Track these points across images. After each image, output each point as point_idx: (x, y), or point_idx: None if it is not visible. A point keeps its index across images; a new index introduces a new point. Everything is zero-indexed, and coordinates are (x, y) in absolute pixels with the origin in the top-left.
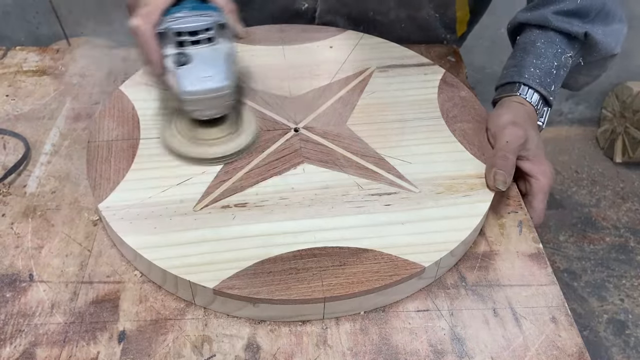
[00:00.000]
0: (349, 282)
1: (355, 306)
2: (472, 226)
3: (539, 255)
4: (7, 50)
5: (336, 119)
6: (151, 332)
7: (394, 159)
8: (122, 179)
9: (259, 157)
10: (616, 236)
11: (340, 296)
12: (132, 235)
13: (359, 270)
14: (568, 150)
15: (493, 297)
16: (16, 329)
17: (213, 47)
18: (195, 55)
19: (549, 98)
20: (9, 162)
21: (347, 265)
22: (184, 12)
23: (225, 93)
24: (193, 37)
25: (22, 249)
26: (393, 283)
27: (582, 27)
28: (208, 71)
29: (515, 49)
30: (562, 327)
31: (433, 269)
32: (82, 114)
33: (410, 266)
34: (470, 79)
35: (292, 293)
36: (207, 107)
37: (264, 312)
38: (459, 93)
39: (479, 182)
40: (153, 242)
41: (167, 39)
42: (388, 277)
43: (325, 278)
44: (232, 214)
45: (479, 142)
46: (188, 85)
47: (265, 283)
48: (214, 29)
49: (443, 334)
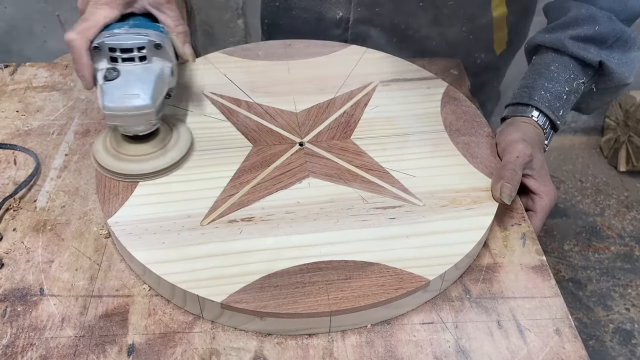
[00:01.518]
0: (354, 295)
1: (361, 319)
2: (476, 239)
3: (543, 268)
4: (17, 67)
5: (341, 133)
6: (160, 346)
7: (398, 173)
8: (130, 195)
9: (265, 171)
10: (621, 245)
11: (346, 310)
12: (141, 250)
13: (364, 283)
14: (572, 159)
15: (497, 309)
16: (27, 343)
17: (145, 65)
18: (125, 72)
19: (556, 122)
20: (19, 177)
21: (352, 279)
22: (124, 29)
23: (148, 112)
24: (125, 54)
25: (32, 263)
26: (398, 296)
27: (597, 55)
28: (135, 89)
29: (529, 69)
30: (566, 339)
31: (438, 282)
32: (91, 129)
33: (416, 279)
34: None
35: (298, 307)
36: (130, 124)
37: (271, 326)
38: (462, 106)
39: (483, 195)
40: (162, 257)
41: (101, 54)
42: (393, 291)
43: (332, 292)
44: (239, 228)
45: (482, 155)
46: (109, 101)
47: (272, 297)
48: (148, 48)
49: (448, 346)
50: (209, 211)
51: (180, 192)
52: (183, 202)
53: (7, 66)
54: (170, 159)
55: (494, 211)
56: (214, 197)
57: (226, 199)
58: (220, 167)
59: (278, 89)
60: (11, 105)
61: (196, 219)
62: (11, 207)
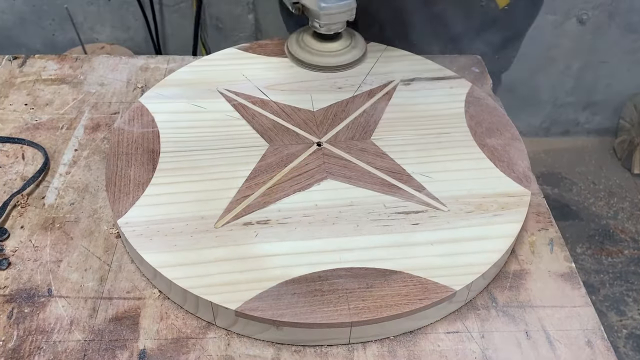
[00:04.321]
0: (376, 305)
1: (382, 331)
2: (504, 248)
3: (572, 275)
4: (26, 59)
5: (360, 133)
6: (172, 352)
7: (421, 176)
8: (142, 194)
9: (282, 172)
10: (635, 249)
11: (367, 321)
12: (152, 252)
13: (387, 293)
14: (585, 161)
15: (525, 318)
16: (35, 346)
17: None
18: None
19: None
20: (27, 172)
21: (374, 288)
22: None
23: (353, 7)
24: None
25: (40, 262)
26: (423, 307)
27: None
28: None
29: None
30: (598, 351)
31: (464, 293)
32: (102, 124)
33: (441, 289)
34: None
35: (317, 316)
36: (337, 21)
37: (287, 336)
38: (487, 107)
39: (511, 200)
40: (173, 261)
41: None
42: (418, 301)
43: (352, 301)
44: (255, 231)
45: (509, 158)
46: (324, 2)
47: (289, 305)
48: None
49: (474, 357)
50: (223, 212)
51: (193, 193)
52: (196, 203)
53: (16, 58)
54: (358, 52)
55: (523, 218)
56: (229, 198)
57: (241, 200)
58: (235, 166)
59: (295, 87)
60: (20, 98)
61: (210, 220)
62: (19, 204)
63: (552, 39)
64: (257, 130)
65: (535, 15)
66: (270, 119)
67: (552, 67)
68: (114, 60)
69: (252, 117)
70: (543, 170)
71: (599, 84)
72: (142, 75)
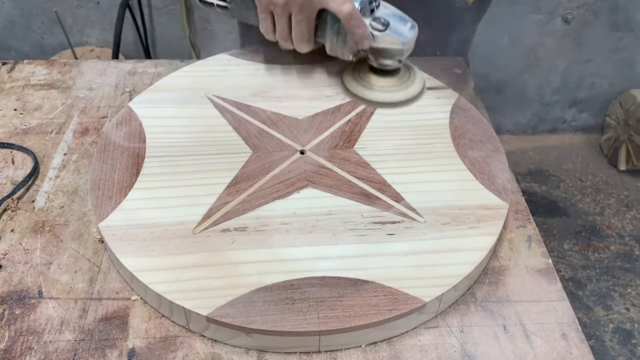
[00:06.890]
0: (345, 315)
1: (352, 340)
2: (477, 261)
3: (549, 271)
4: (15, 64)
5: (344, 142)
6: (161, 350)
7: (400, 186)
8: (124, 198)
9: (263, 179)
10: (621, 244)
11: (336, 330)
12: (129, 256)
13: (356, 303)
14: (572, 158)
15: (503, 313)
16: (26, 347)
17: (383, 5)
18: (388, 15)
19: None
20: (17, 176)
21: (345, 297)
22: None
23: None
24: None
25: (31, 264)
26: (392, 318)
27: None
28: (407, 22)
29: None
30: (573, 343)
31: (435, 305)
32: (90, 128)
33: (411, 300)
34: None
35: (286, 324)
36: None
37: (257, 342)
38: (472, 119)
39: (488, 213)
40: (150, 265)
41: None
42: (387, 312)
43: (322, 310)
44: (232, 238)
45: (489, 170)
46: (404, 38)
47: (260, 312)
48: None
49: (453, 351)
50: (202, 219)
51: (174, 198)
52: (177, 208)
53: (5, 63)
54: (412, 92)
55: (498, 231)
56: (209, 204)
57: (221, 207)
58: (217, 172)
59: (283, 94)
60: (9, 103)
61: (189, 226)
62: (9, 208)
63: (537, 38)
64: (243, 136)
65: None
66: (256, 125)
67: (538, 66)
68: (102, 64)
69: (239, 123)
70: (531, 167)
71: (584, 82)
72: (130, 79)
